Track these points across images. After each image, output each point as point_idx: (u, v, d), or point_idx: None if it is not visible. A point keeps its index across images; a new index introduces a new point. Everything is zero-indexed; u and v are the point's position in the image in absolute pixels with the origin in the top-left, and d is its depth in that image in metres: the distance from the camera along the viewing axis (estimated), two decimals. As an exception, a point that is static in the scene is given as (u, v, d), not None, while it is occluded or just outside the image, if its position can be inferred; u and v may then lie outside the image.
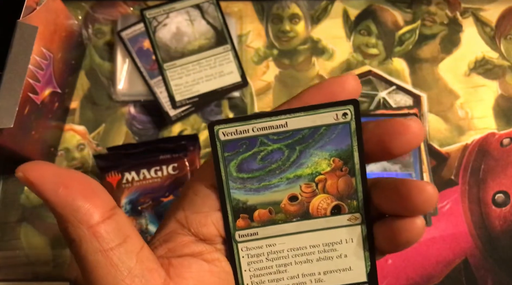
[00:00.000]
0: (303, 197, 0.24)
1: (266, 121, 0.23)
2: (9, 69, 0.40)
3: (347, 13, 0.57)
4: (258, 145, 0.24)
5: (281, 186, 0.24)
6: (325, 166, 0.24)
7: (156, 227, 0.46)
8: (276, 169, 0.24)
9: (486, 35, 0.56)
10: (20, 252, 0.49)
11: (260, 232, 0.24)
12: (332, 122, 0.23)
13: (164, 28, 0.53)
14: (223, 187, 0.24)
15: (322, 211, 0.24)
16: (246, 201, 0.24)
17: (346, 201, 0.24)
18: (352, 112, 0.23)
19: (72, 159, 0.52)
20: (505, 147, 0.52)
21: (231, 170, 0.24)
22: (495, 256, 0.48)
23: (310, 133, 0.24)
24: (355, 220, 0.24)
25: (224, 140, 0.24)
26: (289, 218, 0.24)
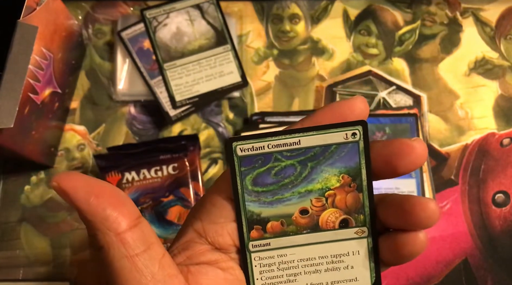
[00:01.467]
0: (314, 211, 0.26)
1: (281, 138, 0.25)
2: (9, 69, 0.40)
3: (347, 13, 0.57)
4: (273, 161, 0.25)
5: (293, 200, 0.26)
6: (334, 182, 0.26)
7: (156, 227, 0.46)
8: (288, 184, 0.26)
9: (486, 35, 0.56)
10: (20, 252, 0.49)
11: (272, 243, 0.26)
12: (342, 141, 0.25)
13: (164, 28, 0.53)
14: (239, 199, 0.26)
15: (331, 224, 0.26)
16: (260, 213, 0.26)
17: (354, 215, 0.26)
18: (361, 132, 0.25)
19: (72, 159, 0.52)
20: (505, 147, 0.52)
21: (247, 183, 0.25)
22: (495, 256, 0.48)
23: (321, 151, 0.25)
24: (362, 233, 0.26)
25: (241, 155, 0.25)
26: (299, 230, 0.26)
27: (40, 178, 0.51)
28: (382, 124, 0.51)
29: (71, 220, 0.50)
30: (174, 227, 0.46)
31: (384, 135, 0.50)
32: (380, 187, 0.49)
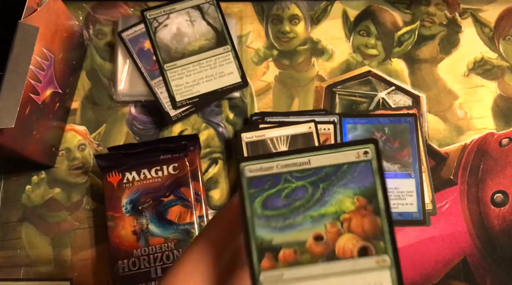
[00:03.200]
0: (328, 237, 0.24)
1: (290, 158, 0.24)
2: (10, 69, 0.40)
3: (347, 14, 0.57)
4: (282, 182, 0.24)
5: (305, 224, 0.24)
6: (349, 205, 0.24)
7: (156, 226, 0.47)
8: (300, 207, 0.24)
9: (485, 35, 0.56)
10: (21, 252, 0.49)
11: (285, 274, 0.24)
12: (354, 160, 0.24)
13: (164, 28, 0.53)
14: (248, 224, 0.24)
15: (349, 252, 0.24)
16: (271, 240, 0.24)
17: (373, 242, 0.24)
18: (373, 150, 0.24)
19: (73, 159, 0.52)
20: (504, 147, 0.52)
21: (256, 207, 0.24)
22: (494, 255, 0.49)
23: (333, 171, 0.24)
24: (384, 263, 0.24)
25: (249, 176, 0.24)
26: (314, 259, 0.24)
27: (41, 178, 0.51)
28: (381, 124, 0.51)
29: (71, 219, 0.50)
30: (174, 227, 0.47)
31: (383, 136, 0.50)
32: (379, 187, 0.49)
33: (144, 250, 0.46)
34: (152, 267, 0.45)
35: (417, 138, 0.50)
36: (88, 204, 0.50)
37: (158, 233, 0.46)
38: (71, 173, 0.51)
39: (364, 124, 0.51)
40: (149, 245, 0.46)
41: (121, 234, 0.46)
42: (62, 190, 0.51)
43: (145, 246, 0.46)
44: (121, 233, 0.46)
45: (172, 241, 0.46)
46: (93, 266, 0.48)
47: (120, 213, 0.46)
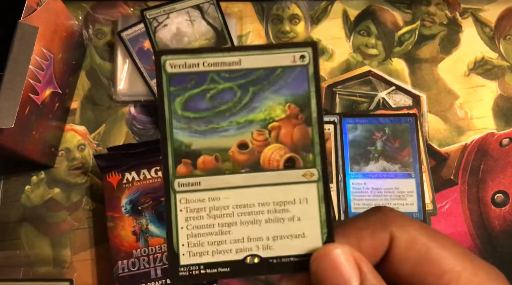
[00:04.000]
0: (254, 146, 0.22)
1: (219, 56, 0.22)
2: (9, 69, 0.40)
3: (347, 13, 0.57)
4: (208, 82, 0.22)
5: (230, 130, 0.22)
6: (279, 112, 0.22)
7: (156, 227, 0.46)
8: (226, 111, 0.22)
9: (485, 35, 0.56)
10: (21, 252, 0.49)
11: (203, 182, 0.22)
12: (289, 64, 0.22)
13: (164, 28, 0.53)
14: (166, 125, 0.22)
15: (275, 163, 0.22)
16: (190, 145, 0.22)
17: (301, 154, 0.22)
18: (311, 55, 0.22)
19: (72, 159, 0.52)
20: (504, 147, 0.52)
21: (176, 107, 0.22)
22: (495, 255, 0.48)
23: (265, 75, 0.22)
24: (311, 177, 0.22)
25: (171, 72, 0.22)
26: (237, 169, 0.22)
27: (41, 178, 0.51)
28: (381, 124, 0.51)
29: (71, 220, 0.50)
30: (174, 227, 0.46)
31: (383, 135, 0.50)
32: (380, 187, 0.49)
33: (143, 250, 0.46)
34: (151, 267, 0.45)
35: (417, 138, 0.50)
36: (87, 204, 0.50)
37: (157, 233, 0.46)
38: (71, 173, 0.51)
39: (364, 124, 0.51)
40: (149, 246, 0.46)
41: (121, 234, 0.46)
42: (62, 190, 0.51)
43: (144, 246, 0.46)
44: (120, 234, 0.46)
45: (172, 241, 0.46)
46: (93, 266, 0.48)
47: (119, 214, 0.46)
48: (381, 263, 0.22)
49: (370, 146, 0.50)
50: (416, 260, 0.21)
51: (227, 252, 0.22)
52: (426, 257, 0.21)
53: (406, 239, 0.21)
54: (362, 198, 0.49)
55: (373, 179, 0.49)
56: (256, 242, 0.22)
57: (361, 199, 0.49)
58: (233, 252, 0.22)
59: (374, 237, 0.22)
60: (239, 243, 0.22)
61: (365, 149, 0.50)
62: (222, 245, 0.22)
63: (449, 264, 0.21)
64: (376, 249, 0.22)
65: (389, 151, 0.50)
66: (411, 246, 0.21)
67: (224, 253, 0.22)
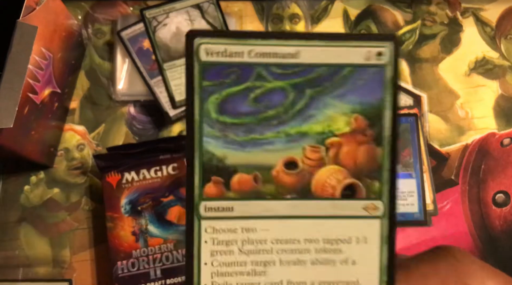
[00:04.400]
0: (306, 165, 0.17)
1: (271, 44, 0.17)
2: (8, 69, 0.40)
3: (347, 13, 0.57)
4: (254, 78, 0.17)
5: (277, 144, 0.17)
6: (342, 125, 0.17)
7: (155, 227, 0.46)
8: (273, 118, 0.17)
9: (486, 35, 0.56)
10: (20, 252, 0.49)
11: (236, 208, 0.17)
12: (362, 63, 0.17)
13: (164, 28, 0.53)
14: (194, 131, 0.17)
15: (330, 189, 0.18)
16: (224, 159, 0.17)
17: (365, 181, 0.18)
18: (392, 52, 0.17)
19: (72, 159, 0.51)
20: (505, 147, 0.52)
21: (210, 108, 0.17)
22: (495, 256, 0.48)
23: (329, 74, 0.17)
24: (374, 211, 0.18)
25: (206, 61, 0.17)
26: (281, 194, 0.18)
27: (40, 178, 0.51)
28: (382, 124, 0.51)
29: (70, 220, 0.50)
30: (174, 227, 0.46)
31: (384, 135, 0.50)
32: (380, 187, 0.49)
33: (143, 251, 0.45)
34: (151, 268, 0.45)
35: (418, 138, 0.50)
36: (87, 204, 0.50)
37: (157, 233, 0.46)
38: (70, 173, 0.51)
39: (364, 124, 0.51)
40: (148, 246, 0.46)
41: (120, 234, 0.46)
42: (61, 191, 0.51)
43: (144, 246, 0.46)
44: (120, 234, 0.46)
45: (171, 241, 0.46)
46: (92, 267, 0.48)
47: (119, 214, 0.46)
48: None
49: (371, 146, 0.50)
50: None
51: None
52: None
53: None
54: (362, 198, 0.49)
55: (374, 179, 0.49)
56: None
57: (361, 199, 0.49)
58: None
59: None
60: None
61: (366, 149, 0.50)
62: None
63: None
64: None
65: (389, 151, 0.50)
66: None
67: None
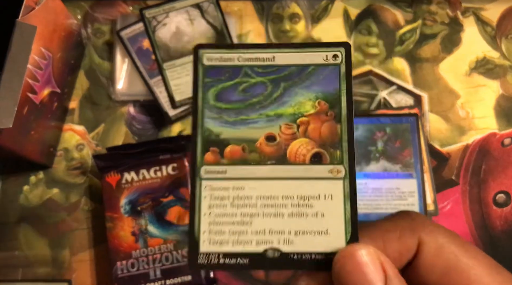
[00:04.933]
0: (282, 138, 0.22)
1: (253, 52, 0.23)
2: (8, 69, 0.40)
3: (348, 12, 0.57)
4: (242, 75, 0.23)
5: (259, 122, 0.23)
6: (309, 108, 0.23)
7: (155, 227, 0.46)
8: (256, 104, 0.23)
9: (487, 34, 0.56)
10: (19, 253, 0.49)
11: (229, 171, 0.22)
12: (321, 63, 0.23)
13: (163, 27, 0.53)
14: (197, 114, 0.23)
15: (301, 157, 0.22)
16: (220, 134, 0.23)
17: (329, 150, 0.22)
18: (343, 55, 0.23)
19: (71, 159, 0.51)
20: (506, 147, 0.51)
21: (209, 97, 0.23)
22: (496, 256, 0.48)
23: (297, 71, 0.23)
24: (337, 173, 0.22)
25: (207, 65, 0.23)
26: (263, 160, 0.22)
27: (39, 178, 0.51)
28: (382, 124, 0.51)
29: (70, 220, 0.49)
30: (174, 228, 0.46)
31: (384, 135, 0.50)
32: (381, 187, 0.49)
33: (143, 251, 0.45)
34: (151, 268, 0.45)
35: (418, 138, 0.50)
36: (86, 204, 0.50)
37: (157, 234, 0.46)
38: (70, 174, 0.51)
39: (365, 123, 0.51)
40: (148, 246, 0.45)
41: (120, 235, 0.46)
42: (60, 191, 0.50)
43: (144, 247, 0.45)
44: (119, 234, 0.46)
45: (171, 242, 0.46)
46: (92, 267, 0.48)
47: (118, 214, 0.46)
48: (406, 269, 0.22)
49: (371, 146, 0.50)
50: (444, 268, 0.21)
51: (248, 243, 0.22)
52: (454, 266, 0.21)
53: (435, 246, 0.21)
54: (363, 198, 0.49)
55: (374, 179, 0.49)
56: (277, 235, 0.22)
57: (362, 199, 0.49)
58: (253, 243, 0.22)
59: (401, 241, 0.21)
60: (260, 235, 0.22)
61: (366, 149, 0.50)
62: (243, 235, 0.22)
63: (477, 275, 0.20)
64: (402, 254, 0.21)
65: (390, 151, 0.50)
66: (439, 254, 0.21)
67: (244, 244, 0.22)
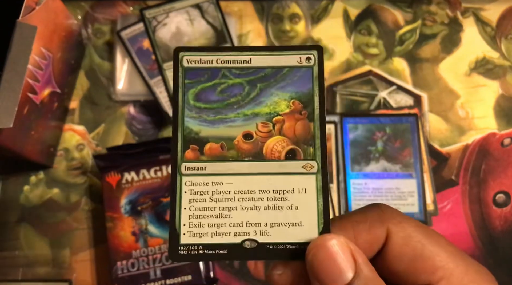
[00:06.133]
0: (258, 136, 0.24)
1: (231, 55, 0.24)
2: (8, 69, 0.40)
3: (347, 12, 0.57)
4: (220, 77, 0.24)
5: (237, 121, 0.24)
6: (284, 107, 0.24)
7: (155, 227, 0.46)
8: (234, 104, 0.24)
9: (486, 34, 0.56)
10: (20, 253, 0.49)
11: (208, 168, 0.23)
12: (295, 65, 0.24)
13: (164, 27, 0.53)
14: (178, 114, 0.24)
15: (276, 154, 0.23)
16: (199, 132, 0.24)
17: (303, 147, 0.24)
18: (316, 57, 0.24)
19: (71, 159, 0.51)
20: (506, 147, 0.52)
21: (189, 97, 0.24)
22: (496, 256, 0.48)
23: (272, 73, 0.24)
24: (310, 169, 0.23)
25: (187, 67, 0.24)
26: (240, 157, 0.23)
27: (40, 178, 0.51)
28: (382, 124, 0.51)
29: (70, 220, 0.49)
30: (174, 228, 0.46)
31: (384, 135, 0.50)
32: (381, 187, 0.49)
33: (143, 251, 0.45)
34: (151, 268, 0.45)
35: (418, 138, 0.50)
36: (86, 204, 0.50)
37: (157, 234, 0.46)
38: (70, 174, 0.51)
39: (365, 124, 0.51)
40: (148, 246, 0.46)
41: (120, 235, 0.46)
42: (61, 191, 0.50)
43: (144, 247, 0.45)
44: (120, 234, 0.46)
45: (171, 242, 0.46)
46: (92, 267, 0.48)
47: (119, 214, 0.46)
48: (375, 258, 0.23)
49: (371, 146, 0.50)
50: (411, 256, 0.22)
51: (226, 235, 0.23)
52: (420, 254, 0.22)
53: (402, 236, 0.22)
54: (362, 198, 0.49)
55: (374, 179, 0.49)
56: (254, 227, 0.23)
57: (361, 199, 0.49)
58: (231, 235, 0.23)
59: (370, 232, 0.22)
60: (238, 227, 0.23)
61: (366, 149, 0.50)
62: (222, 228, 0.23)
63: (442, 261, 0.21)
64: (372, 244, 0.22)
65: (390, 151, 0.50)
66: (407, 243, 0.22)
67: (223, 235, 0.23)
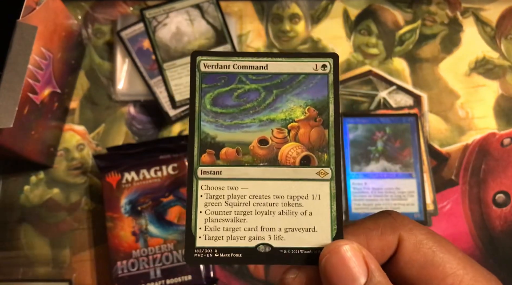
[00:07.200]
0: (274, 142, 0.24)
1: (248, 60, 0.24)
2: (8, 69, 0.40)
3: (347, 12, 0.57)
4: (236, 82, 0.24)
5: (252, 127, 0.24)
6: (299, 114, 0.24)
7: (155, 227, 0.46)
8: (250, 109, 0.24)
9: (486, 35, 0.56)
10: (20, 252, 0.49)
11: (224, 172, 0.24)
12: (311, 72, 0.24)
13: (164, 28, 0.53)
14: (195, 118, 0.24)
15: (291, 160, 0.24)
16: (215, 137, 0.24)
17: (317, 153, 0.24)
18: (332, 65, 0.24)
19: (71, 159, 0.51)
20: (506, 147, 0.52)
21: (206, 102, 0.24)
22: (496, 256, 0.48)
23: (288, 79, 0.24)
24: (324, 175, 0.24)
25: (204, 71, 0.24)
26: (256, 162, 0.24)
27: (40, 178, 0.51)
28: (382, 124, 0.51)
29: (70, 220, 0.50)
30: (174, 227, 0.46)
31: (384, 135, 0.50)
32: (381, 187, 0.49)
33: (143, 251, 0.45)
34: (151, 268, 0.45)
35: (418, 138, 0.50)
36: (87, 204, 0.50)
37: (157, 233, 0.46)
38: (70, 173, 0.51)
39: (365, 124, 0.51)
40: (148, 246, 0.46)
41: (120, 234, 0.46)
42: (61, 191, 0.50)
43: (144, 247, 0.46)
44: (120, 234, 0.46)
45: (171, 242, 0.46)
46: (92, 267, 0.48)
47: (119, 214, 0.46)
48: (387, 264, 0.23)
49: (371, 146, 0.50)
50: (422, 263, 0.22)
51: (241, 239, 0.23)
52: (431, 260, 0.22)
53: (414, 242, 0.22)
54: (362, 198, 0.49)
55: (374, 179, 0.49)
56: (269, 232, 0.23)
57: (361, 199, 0.49)
58: (246, 239, 0.23)
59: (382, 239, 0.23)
60: (252, 231, 0.23)
61: (366, 149, 0.50)
62: (237, 232, 0.23)
63: (452, 268, 0.22)
64: (383, 250, 0.23)
65: (389, 151, 0.50)
66: (418, 250, 0.22)
67: (237, 239, 0.23)
